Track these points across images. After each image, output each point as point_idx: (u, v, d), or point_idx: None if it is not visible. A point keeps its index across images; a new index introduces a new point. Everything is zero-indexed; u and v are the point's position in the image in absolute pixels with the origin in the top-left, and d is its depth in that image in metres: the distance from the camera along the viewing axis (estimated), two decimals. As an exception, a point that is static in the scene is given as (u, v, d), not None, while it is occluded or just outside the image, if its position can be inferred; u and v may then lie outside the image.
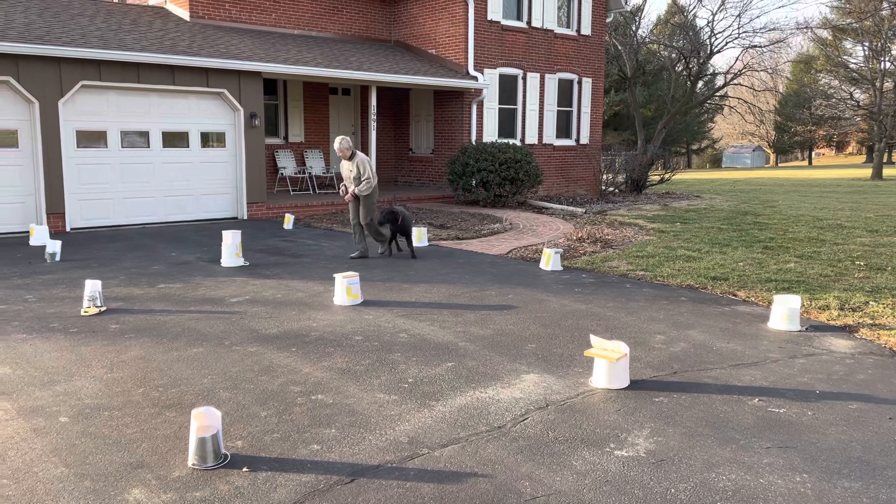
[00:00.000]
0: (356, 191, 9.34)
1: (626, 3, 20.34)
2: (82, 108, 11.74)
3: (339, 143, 9.29)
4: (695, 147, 58.35)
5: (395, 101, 18.74)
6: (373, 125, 15.59)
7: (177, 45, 12.80)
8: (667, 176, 20.70)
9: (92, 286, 6.61)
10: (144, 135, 12.51)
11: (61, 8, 13.63)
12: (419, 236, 10.77)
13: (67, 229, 11.59)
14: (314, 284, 7.90)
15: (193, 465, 3.62)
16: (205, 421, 3.62)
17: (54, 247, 9.08)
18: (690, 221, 13.65)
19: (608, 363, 4.76)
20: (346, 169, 9.44)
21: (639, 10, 34.64)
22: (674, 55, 36.83)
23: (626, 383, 4.83)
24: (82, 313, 6.49)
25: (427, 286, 7.88)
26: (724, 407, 4.50)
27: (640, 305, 7.13)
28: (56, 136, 11.35)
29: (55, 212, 11.45)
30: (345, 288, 7.05)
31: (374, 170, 9.58)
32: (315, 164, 16.86)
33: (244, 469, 3.60)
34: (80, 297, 7.06)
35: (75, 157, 11.71)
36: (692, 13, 38.83)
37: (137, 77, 12.01)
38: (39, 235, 10.29)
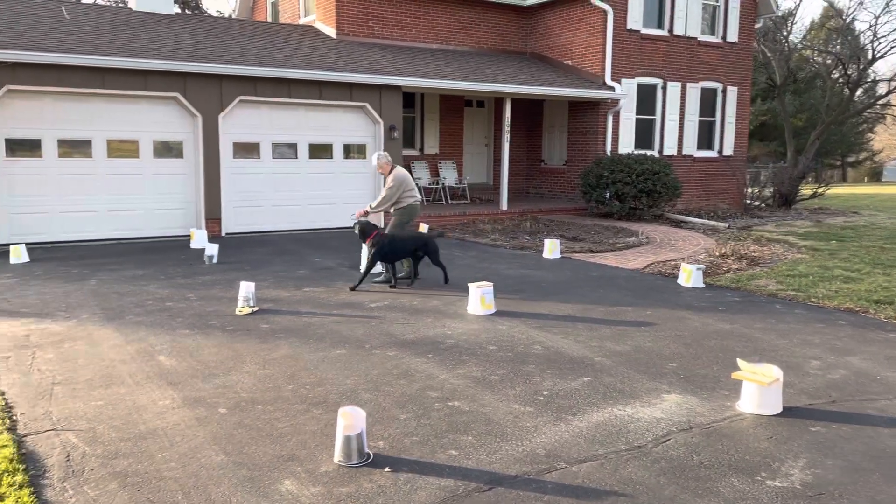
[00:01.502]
0: (369, 208, 8.66)
1: (776, 7, 19.25)
2: (239, 121, 12.63)
3: (375, 158, 8.66)
4: (851, 160, 54.00)
5: (529, 112, 18.74)
6: (506, 137, 15.66)
7: (324, 61, 13.49)
8: (819, 190, 19.32)
9: (246, 288, 7.08)
10: (293, 147, 13.27)
11: (223, 29, 14.75)
12: (551, 248, 10.69)
13: (223, 234, 12.49)
14: (448, 292, 8.03)
15: (339, 461, 3.78)
16: (350, 420, 3.78)
17: (212, 250, 9.81)
18: (848, 239, 12.65)
19: (759, 387, 4.50)
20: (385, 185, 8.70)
21: (791, 14, 32.67)
22: (829, 61, 34.36)
23: (778, 410, 4.54)
24: (237, 312, 6.97)
25: (560, 299, 7.80)
26: (892, 441, 4.12)
27: (791, 328, 6.69)
28: (215, 147, 12.28)
29: (212, 217, 12.37)
30: (479, 297, 7.12)
31: (404, 190, 8.58)
32: (448, 176, 17.17)
33: (386, 469, 3.72)
34: (235, 297, 7.58)
35: (231, 167, 12.61)
36: (851, 16, 36.06)
37: (288, 92, 12.77)
38: (199, 239, 11.16)
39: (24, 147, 10.97)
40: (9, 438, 4.00)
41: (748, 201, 18.34)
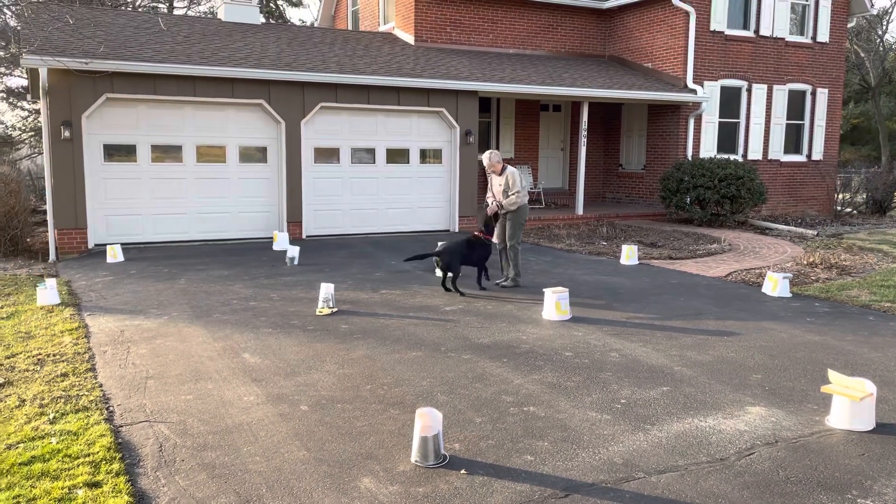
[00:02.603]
0: (504, 203, 8.42)
1: (871, 5, 18.32)
2: (320, 127, 12.97)
3: (488, 157, 8.42)
4: (953, 164, 50.71)
5: (606, 116, 18.48)
6: (583, 141, 15.50)
7: (402, 67, 13.69)
8: (918, 196, 18.25)
9: (326, 289, 7.26)
10: (371, 152, 13.53)
11: (306, 37, 15.19)
12: (628, 254, 10.50)
13: (303, 236, 12.84)
14: (523, 297, 8.01)
15: (416, 461, 3.84)
16: (427, 421, 3.83)
17: (294, 252, 10.10)
18: (949, 249, 11.91)
19: (850, 402, 4.30)
20: (496, 185, 8.54)
21: (886, 12, 31.03)
22: (929, 60, 32.44)
23: (870, 426, 4.33)
24: (317, 313, 7.15)
25: (638, 306, 7.66)
26: None
27: (886, 341, 6.35)
28: (297, 152, 12.65)
29: (294, 220, 12.74)
30: (554, 303, 7.08)
31: (524, 185, 8.51)
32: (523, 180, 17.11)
33: (462, 471, 3.75)
34: (315, 298, 7.78)
35: (312, 172, 12.96)
36: (955, 11, 33.94)
37: (368, 98, 13.03)
38: (281, 241, 11.52)
39: (120, 152, 11.59)
40: (106, 428, 4.25)
41: (839, 208, 17.51)
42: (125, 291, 8.15)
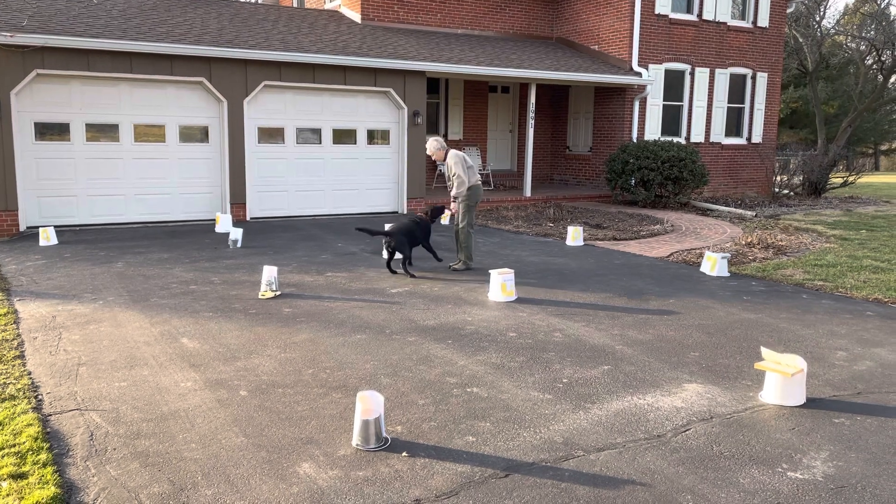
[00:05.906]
0: (452, 193, 8.41)
1: (809, -9, 18.80)
2: (264, 106, 12.68)
3: (431, 145, 8.39)
4: (884, 148, 52.76)
5: (554, 98, 18.58)
6: (531, 123, 15.55)
7: (349, 46, 13.47)
8: (851, 179, 18.92)
9: (269, 272, 7.13)
10: (317, 132, 13.30)
11: (249, 14, 14.79)
12: (574, 236, 10.61)
13: (248, 218, 12.58)
14: (469, 279, 8.02)
15: (357, 445, 3.80)
16: (369, 404, 3.79)
17: (237, 234, 9.89)
18: (878, 229, 12.39)
19: (782, 378, 4.43)
20: (446, 172, 8.53)
21: (824, -2, 31.89)
22: (863, 47, 33.56)
23: (801, 401, 4.48)
24: (260, 296, 7.02)
25: (582, 286, 7.75)
26: (919, 436, 4.04)
27: (818, 318, 6.58)
28: (240, 132, 12.35)
29: (237, 202, 12.46)
30: (500, 284, 7.10)
31: (468, 167, 8.38)
32: (472, 162, 17.09)
33: (403, 454, 3.73)
34: (258, 281, 7.64)
35: (256, 152, 12.68)
36: (886, 1, 35.18)
37: (313, 77, 12.79)
38: (224, 223, 11.26)
39: (52, 131, 11.12)
40: (34, 417, 4.09)
41: (777, 189, 18.03)
42: (58, 275, 7.85)
